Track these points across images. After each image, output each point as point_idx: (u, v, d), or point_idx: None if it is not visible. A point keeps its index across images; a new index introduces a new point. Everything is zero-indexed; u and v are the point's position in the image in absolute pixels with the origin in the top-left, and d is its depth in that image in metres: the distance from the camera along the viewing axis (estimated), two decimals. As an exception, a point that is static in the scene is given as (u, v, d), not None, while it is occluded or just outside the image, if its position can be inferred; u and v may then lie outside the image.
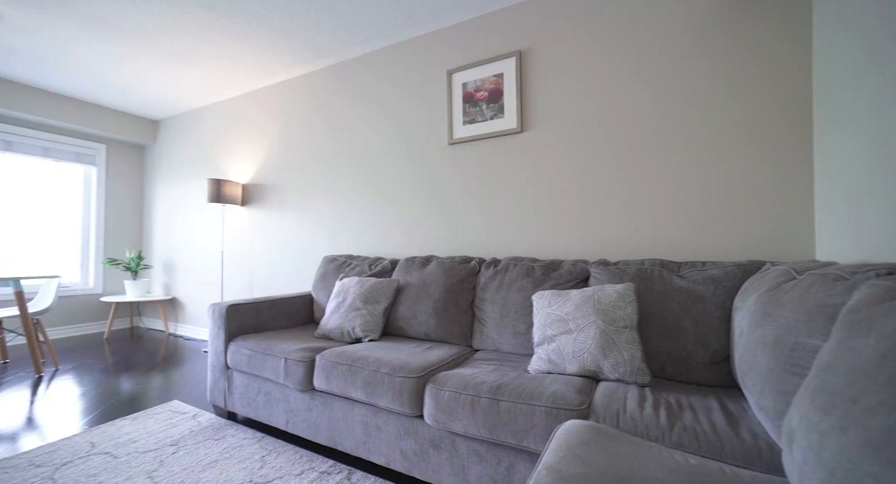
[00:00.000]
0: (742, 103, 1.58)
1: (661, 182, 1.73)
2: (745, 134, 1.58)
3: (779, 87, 1.52)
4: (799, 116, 1.49)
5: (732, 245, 1.59)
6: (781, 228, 1.52)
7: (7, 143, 3.31)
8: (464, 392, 1.20)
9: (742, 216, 1.58)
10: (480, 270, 1.87)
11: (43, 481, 1.36)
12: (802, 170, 1.49)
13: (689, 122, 1.68)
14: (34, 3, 2.15)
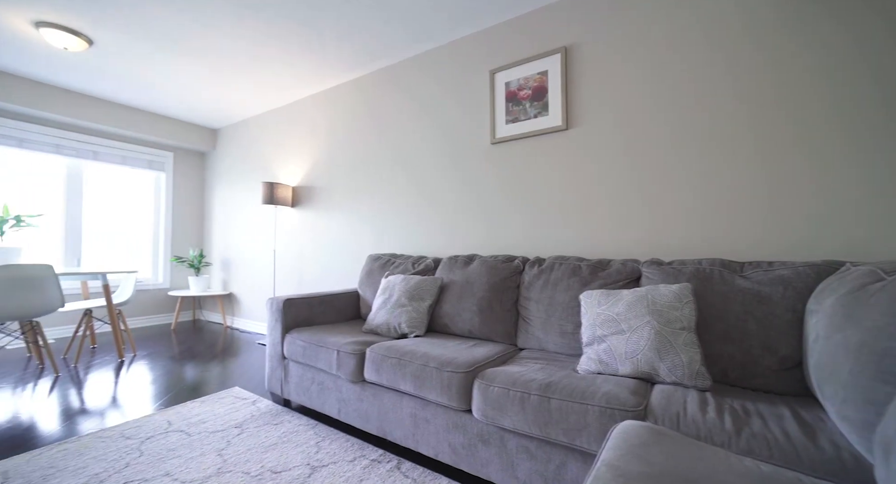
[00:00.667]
0: (828, 92, 1.47)
1: (717, 178, 1.64)
2: (828, 125, 1.46)
3: (872, 74, 1.39)
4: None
5: (801, 244, 1.48)
6: (864, 227, 1.39)
7: (95, 153, 3.73)
8: (513, 389, 1.21)
9: (820, 214, 1.46)
10: (524, 269, 1.86)
11: (132, 451, 1.53)
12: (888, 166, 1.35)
13: (760, 114, 1.58)
14: (122, 27, 2.42)
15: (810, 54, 1.48)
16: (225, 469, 1.41)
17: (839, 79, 1.43)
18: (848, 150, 1.41)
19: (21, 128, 3.32)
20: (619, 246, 1.87)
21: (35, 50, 2.71)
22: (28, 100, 3.18)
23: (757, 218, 1.56)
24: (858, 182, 1.40)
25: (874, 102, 1.37)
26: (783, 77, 1.52)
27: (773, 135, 1.54)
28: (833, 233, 1.43)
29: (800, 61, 1.49)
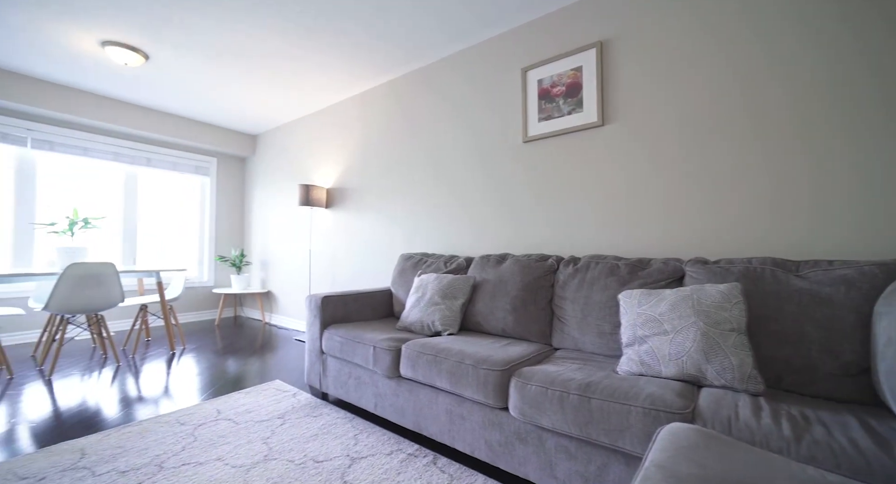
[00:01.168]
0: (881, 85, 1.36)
1: (761, 175, 1.55)
2: (886, 116, 1.35)
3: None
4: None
5: (865, 243, 1.37)
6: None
7: (148, 159, 4.03)
8: (551, 387, 1.20)
9: (886, 209, 1.35)
10: (559, 268, 1.84)
11: (187, 436, 1.64)
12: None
13: (808, 107, 1.48)
14: (175, 42, 2.60)
15: (860, 44, 1.37)
16: (271, 457, 1.49)
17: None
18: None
19: (86, 138, 3.64)
20: (658, 245, 1.81)
21: (99, 67, 2.96)
22: (93, 113, 3.48)
23: (805, 215, 1.46)
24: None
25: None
26: (833, 67, 1.42)
27: (820, 127, 1.44)
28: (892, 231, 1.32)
29: (847, 48, 1.39)
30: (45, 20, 2.36)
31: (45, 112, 3.29)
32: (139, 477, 1.35)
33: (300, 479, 1.35)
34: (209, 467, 1.41)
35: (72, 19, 2.35)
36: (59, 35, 2.52)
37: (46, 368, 2.60)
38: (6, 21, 2.37)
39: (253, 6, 2.21)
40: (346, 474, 1.38)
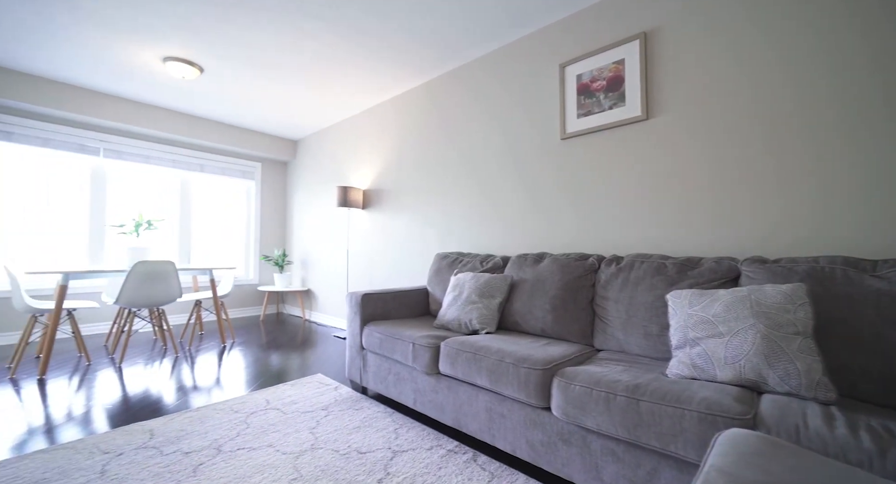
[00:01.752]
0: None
1: (833, 166, 1.43)
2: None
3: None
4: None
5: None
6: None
7: (201, 165, 4.33)
8: (596, 388, 1.17)
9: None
10: (600, 268, 1.79)
11: (240, 423, 1.75)
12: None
13: (864, 99, 1.35)
14: (227, 55, 2.78)
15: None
16: (317, 445, 1.56)
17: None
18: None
19: (149, 147, 3.97)
20: (707, 243, 1.71)
21: (161, 81, 3.23)
22: (155, 124, 3.79)
23: (880, 211, 1.33)
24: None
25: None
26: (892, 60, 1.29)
27: (873, 120, 1.30)
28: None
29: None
30: (116, 41, 2.61)
31: (115, 124, 3.62)
32: (201, 458, 1.45)
33: (345, 468, 1.40)
34: (262, 453, 1.50)
35: (139, 39, 2.58)
36: (128, 54, 2.77)
37: (117, 356, 2.85)
38: (85, 44, 2.64)
39: (295, 18, 2.32)
40: (389, 466, 1.41)
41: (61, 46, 2.69)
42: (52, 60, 2.89)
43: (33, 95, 3.15)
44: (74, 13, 2.31)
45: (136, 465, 1.41)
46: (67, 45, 2.68)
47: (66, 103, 3.30)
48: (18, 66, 2.99)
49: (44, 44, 2.66)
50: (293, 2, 2.18)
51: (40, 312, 2.54)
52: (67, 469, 1.37)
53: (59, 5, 2.23)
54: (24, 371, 2.50)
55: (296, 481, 1.31)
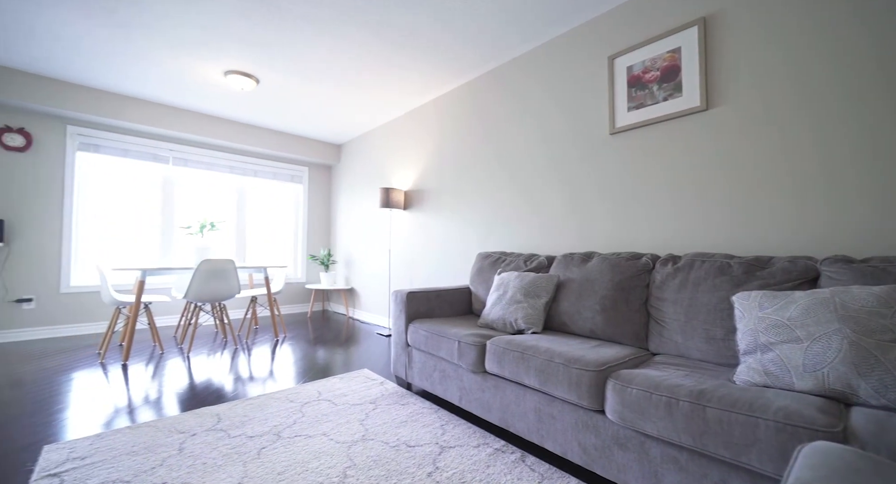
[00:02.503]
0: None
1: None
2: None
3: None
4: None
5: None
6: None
7: (255, 171, 4.64)
8: (656, 392, 1.12)
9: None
10: (655, 267, 1.71)
11: (296, 412, 1.85)
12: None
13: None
14: (281, 66, 2.96)
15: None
16: (368, 437, 1.61)
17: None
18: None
19: (210, 155, 4.31)
20: (777, 241, 1.58)
21: (222, 93, 3.50)
22: (217, 133, 4.12)
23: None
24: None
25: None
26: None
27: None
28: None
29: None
30: (185, 59, 2.86)
31: (182, 135, 3.98)
32: (263, 443, 1.56)
33: (396, 460, 1.44)
34: (317, 441, 1.58)
35: (205, 56, 2.81)
36: (195, 70, 3.04)
37: (185, 346, 3.12)
38: (159, 63, 2.93)
39: (344, 27, 2.42)
40: (438, 461, 1.43)
41: (138, 66, 3.00)
42: (131, 79, 3.23)
43: (116, 111, 3.54)
44: (151, 37, 2.56)
45: (207, 445, 1.53)
46: (144, 65, 2.98)
47: (142, 117, 3.67)
48: (104, 86, 3.37)
49: (124, 65, 2.98)
50: (343, 12, 2.28)
51: (123, 304, 2.83)
52: (152, 445, 1.53)
53: (137, 30, 2.49)
54: (111, 357, 2.81)
55: (350, 469, 1.37)
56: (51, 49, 2.76)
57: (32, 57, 2.88)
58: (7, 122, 3.26)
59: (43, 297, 3.40)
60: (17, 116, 3.30)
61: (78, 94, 3.35)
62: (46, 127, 3.42)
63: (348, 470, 1.37)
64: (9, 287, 3.26)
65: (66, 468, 1.36)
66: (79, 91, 3.36)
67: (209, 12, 2.31)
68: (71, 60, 2.92)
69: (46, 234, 3.41)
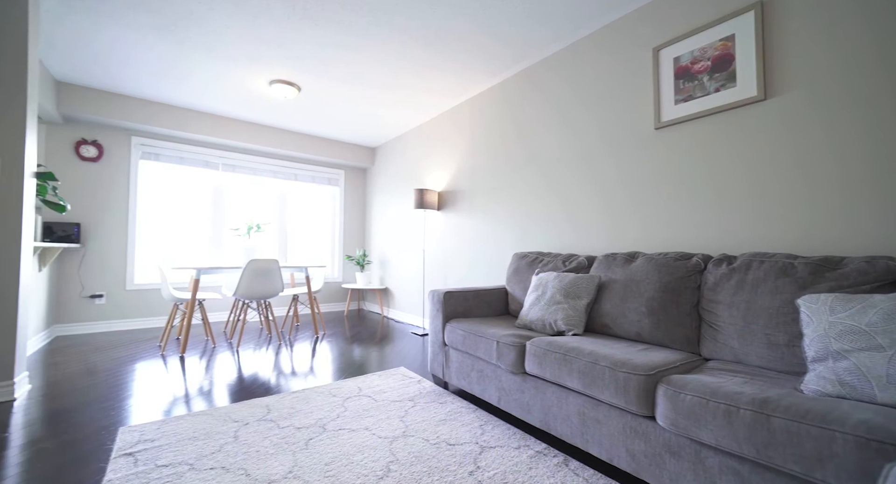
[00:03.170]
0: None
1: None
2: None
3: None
4: None
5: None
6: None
7: (295, 175, 4.85)
8: (713, 399, 1.06)
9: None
10: (707, 268, 1.62)
11: (339, 406, 1.91)
12: None
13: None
14: (321, 74, 3.09)
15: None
16: (408, 433, 1.64)
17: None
18: None
19: (256, 160, 4.56)
20: (849, 240, 1.44)
21: (265, 102, 3.69)
22: (260, 140, 4.35)
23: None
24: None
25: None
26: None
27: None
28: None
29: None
30: (234, 70, 3.05)
31: (231, 142, 4.23)
32: (310, 434, 1.62)
33: (437, 457, 1.45)
34: (360, 435, 1.62)
35: (253, 67, 2.98)
36: (243, 81, 3.23)
37: (234, 341, 3.32)
38: (212, 75, 3.14)
39: (382, 32, 2.49)
40: (479, 460, 1.43)
41: (193, 80, 3.23)
42: (186, 92, 3.48)
43: (174, 122, 3.83)
44: (205, 52, 2.76)
45: (259, 434, 1.62)
46: (198, 78, 3.20)
47: (196, 127, 3.95)
48: (164, 99, 3.66)
49: (181, 79, 3.22)
50: (380, 17, 2.34)
51: (180, 300, 3.06)
52: (210, 432, 1.64)
53: (193, 46, 2.69)
54: (170, 349, 3.03)
55: (393, 464, 1.40)
56: (119, 67, 3.03)
57: (103, 75, 3.18)
58: (83, 136, 3.62)
59: (112, 293, 3.74)
60: (91, 130, 3.65)
61: (141, 107, 3.66)
62: (115, 138, 3.76)
63: (391, 465, 1.40)
64: (84, 284, 3.61)
65: (138, 449, 1.49)
66: (142, 105, 3.66)
67: (256, 25, 2.45)
68: (136, 77, 3.20)
69: (114, 237, 3.75)
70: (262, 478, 1.31)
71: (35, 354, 2.86)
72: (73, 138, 3.58)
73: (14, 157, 2.01)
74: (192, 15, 2.34)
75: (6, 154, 1.99)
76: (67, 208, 2.73)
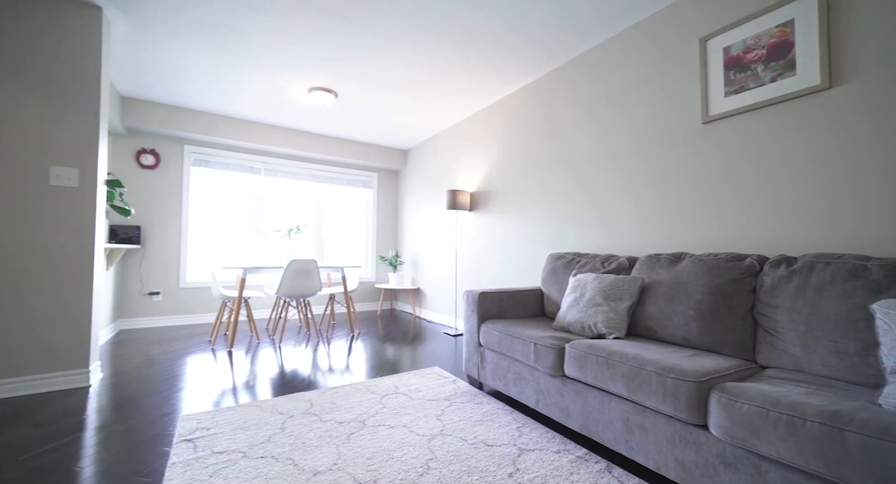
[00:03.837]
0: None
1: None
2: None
3: None
4: None
5: None
6: None
7: (331, 178, 5.02)
8: (774, 409, 0.99)
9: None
10: (763, 270, 1.51)
11: (377, 403, 1.96)
12: None
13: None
14: (357, 80, 3.18)
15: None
16: (446, 432, 1.65)
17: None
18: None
19: (294, 165, 4.77)
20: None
21: (305, 109, 3.85)
22: (299, 145, 4.54)
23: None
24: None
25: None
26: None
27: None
28: None
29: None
30: (277, 80, 3.20)
31: (272, 148, 4.45)
32: (351, 429, 1.68)
33: (475, 457, 1.45)
34: (399, 431, 1.65)
35: (294, 77, 3.12)
36: (284, 90, 3.39)
37: (276, 338, 3.48)
38: (256, 86, 3.32)
39: (415, 35, 2.53)
40: (518, 462, 1.42)
41: (239, 91, 3.42)
42: (233, 102, 3.70)
43: (221, 130, 4.08)
44: (250, 64, 2.92)
45: (304, 426, 1.69)
46: (244, 89, 3.39)
47: (241, 135, 4.19)
48: (212, 109, 3.91)
49: (227, 90, 3.42)
50: (412, 21, 2.39)
51: (228, 298, 3.25)
52: (259, 423, 1.73)
53: (239, 59, 2.85)
54: (219, 344, 3.23)
55: (432, 461, 1.42)
56: (175, 82, 3.28)
57: (161, 90, 3.44)
58: (143, 145, 3.93)
59: (167, 291, 4.03)
60: (149, 140, 3.97)
61: (194, 117, 3.93)
62: (170, 147, 4.06)
63: (430, 462, 1.41)
64: (144, 282, 3.92)
65: (196, 436, 1.60)
66: (194, 115, 3.93)
67: (296, 35, 2.56)
68: (189, 90, 3.44)
69: (169, 239, 4.05)
70: (308, 468, 1.37)
71: (104, 346, 3.13)
72: (134, 148, 3.90)
73: (89, 167, 2.22)
74: (238, 30, 2.49)
75: (82, 164, 2.21)
76: (132, 212, 2.98)
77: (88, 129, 2.22)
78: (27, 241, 2.08)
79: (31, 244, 2.08)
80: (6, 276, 2.03)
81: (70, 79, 2.17)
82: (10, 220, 2.04)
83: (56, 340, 2.13)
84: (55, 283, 2.13)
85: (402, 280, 5.23)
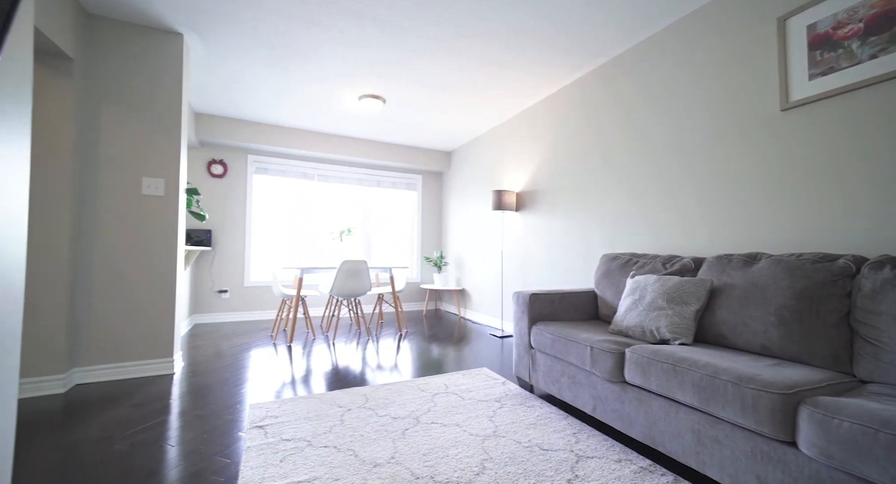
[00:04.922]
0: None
1: None
2: None
3: None
4: None
5: None
6: None
7: (378, 182, 5.20)
8: (884, 430, 0.87)
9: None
10: (860, 272, 1.34)
11: (428, 401, 1.99)
12: None
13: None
14: (403, 85, 3.27)
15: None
16: (499, 433, 1.64)
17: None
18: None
19: (344, 170, 4.99)
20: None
21: (355, 116, 4.02)
22: (349, 151, 4.75)
23: None
24: None
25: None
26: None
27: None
28: None
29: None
30: (331, 90, 3.38)
31: (324, 155, 4.70)
32: (405, 425, 1.72)
33: (531, 460, 1.43)
34: (451, 430, 1.67)
35: (346, 86, 3.28)
36: (337, 99, 3.56)
37: (330, 335, 3.66)
38: (310, 96, 3.52)
39: (462, 37, 2.55)
40: (576, 469, 1.38)
41: (294, 101, 3.65)
42: (289, 113, 3.96)
43: (279, 140, 4.38)
44: (304, 75, 3.10)
45: (361, 420, 1.76)
46: (298, 100, 3.61)
47: (297, 143, 4.47)
48: (271, 120, 4.21)
49: (284, 102, 3.66)
50: (461, 24, 2.40)
51: (287, 296, 3.47)
52: (320, 414, 1.83)
53: (294, 71, 3.04)
54: (279, 339, 3.46)
55: (487, 462, 1.42)
56: (240, 97, 3.57)
57: (228, 105, 3.77)
58: (213, 156, 4.33)
59: (234, 289, 4.39)
60: (218, 151, 4.35)
61: (256, 129, 4.26)
62: (236, 157, 4.43)
63: (486, 462, 1.41)
64: (214, 281, 4.31)
65: (266, 423, 1.72)
66: (256, 126, 4.26)
67: (349, 47, 2.68)
68: (252, 104, 3.73)
69: (235, 241, 4.41)
70: (368, 460, 1.42)
71: (183, 338, 3.48)
72: (205, 159, 4.30)
73: (172, 178, 2.49)
74: (294, 43, 2.65)
75: (167, 175, 2.48)
76: (206, 217, 3.29)
77: (172, 144, 2.49)
78: (127, 244, 2.37)
79: (130, 247, 2.37)
80: (113, 275, 2.33)
81: (158, 99, 2.45)
82: (112, 226, 2.34)
83: (149, 331, 2.40)
84: (148, 281, 2.41)
85: (447, 281, 5.28)
